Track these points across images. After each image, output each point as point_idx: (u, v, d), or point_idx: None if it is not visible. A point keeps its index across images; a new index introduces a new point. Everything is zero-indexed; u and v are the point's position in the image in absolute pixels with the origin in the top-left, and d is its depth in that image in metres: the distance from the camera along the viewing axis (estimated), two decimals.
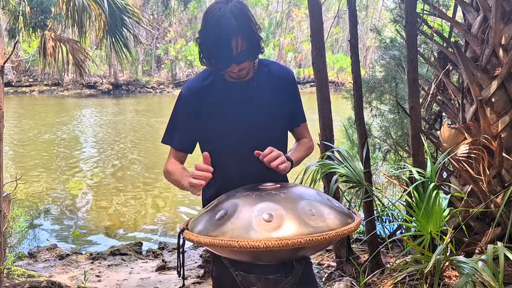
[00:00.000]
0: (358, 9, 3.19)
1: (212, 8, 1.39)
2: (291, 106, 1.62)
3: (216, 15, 1.36)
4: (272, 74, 1.58)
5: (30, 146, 11.76)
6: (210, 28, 1.37)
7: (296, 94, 1.64)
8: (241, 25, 1.36)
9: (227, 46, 1.36)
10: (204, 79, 1.56)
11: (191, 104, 1.55)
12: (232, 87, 1.52)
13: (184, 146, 1.61)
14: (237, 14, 1.36)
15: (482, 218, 2.89)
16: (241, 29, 1.36)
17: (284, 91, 1.59)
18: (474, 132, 2.86)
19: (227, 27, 1.34)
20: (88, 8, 5.07)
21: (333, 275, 3.19)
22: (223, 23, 1.34)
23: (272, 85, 1.56)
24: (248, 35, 1.38)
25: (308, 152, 1.66)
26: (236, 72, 1.46)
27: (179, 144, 1.60)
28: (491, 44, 2.84)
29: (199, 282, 3.77)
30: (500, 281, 1.89)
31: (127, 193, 7.72)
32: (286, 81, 1.60)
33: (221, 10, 1.36)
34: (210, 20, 1.37)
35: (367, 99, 4.96)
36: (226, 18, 1.34)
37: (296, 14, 33.50)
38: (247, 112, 1.53)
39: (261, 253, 1.11)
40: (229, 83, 1.52)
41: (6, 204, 3.45)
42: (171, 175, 1.56)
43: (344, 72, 29.76)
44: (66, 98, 24.71)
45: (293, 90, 1.63)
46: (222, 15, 1.35)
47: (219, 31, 1.35)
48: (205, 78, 1.56)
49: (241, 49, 1.38)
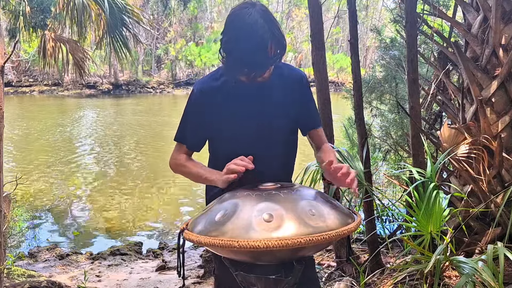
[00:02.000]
0: (358, 9, 3.19)
1: (241, 14, 1.36)
2: (302, 108, 1.61)
3: (248, 20, 1.34)
4: (284, 76, 1.57)
5: (30, 146, 11.77)
6: (245, 35, 1.34)
7: (307, 97, 1.63)
8: (272, 28, 1.35)
9: (264, 51, 1.34)
10: (216, 79, 1.55)
11: (202, 103, 1.54)
12: (244, 88, 1.50)
13: (195, 145, 1.62)
14: (266, 18, 1.35)
15: (482, 218, 2.89)
16: (273, 32, 1.35)
17: (296, 93, 1.58)
18: (474, 132, 2.86)
19: (263, 32, 1.33)
20: (88, 8, 5.08)
21: (333, 275, 3.19)
22: (258, 29, 1.33)
23: (283, 87, 1.55)
24: (279, 37, 1.37)
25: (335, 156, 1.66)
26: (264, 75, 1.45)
27: (191, 143, 1.61)
28: (491, 44, 2.84)
29: (199, 282, 3.77)
30: (500, 281, 1.89)
31: (128, 193, 7.73)
32: (297, 84, 1.59)
33: (251, 15, 1.34)
34: (241, 25, 1.35)
35: (367, 99, 4.96)
36: (260, 23, 1.33)
37: (296, 14, 33.48)
38: (258, 113, 1.52)
39: (261, 253, 1.11)
40: (242, 84, 1.50)
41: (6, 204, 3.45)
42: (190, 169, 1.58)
43: (344, 72, 29.74)
44: (66, 98, 24.71)
45: (304, 93, 1.62)
46: (256, 20, 1.33)
47: (255, 37, 1.33)
48: (217, 78, 1.55)
49: (274, 52, 1.37)
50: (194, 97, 1.56)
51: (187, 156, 1.62)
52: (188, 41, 29.66)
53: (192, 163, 1.61)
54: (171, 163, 1.64)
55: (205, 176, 1.52)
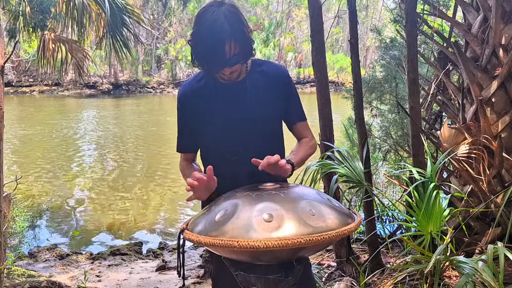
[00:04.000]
0: (358, 9, 3.19)
1: (205, 11, 1.38)
2: (285, 104, 1.61)
3: (209, 19, 1.35)
4: (266, 73, 1.57)
5: (30, 146, 11.76)
6: (204, 32, 1.36)
7: (290, 93, 1.62)
8: (234, 29, 1.35)
9: (221, 50, 1.35)
10: (198, 80, 1.59)
11: (185, 105, 1.59)
12: (224, 87, 1.53)
13: (187, 148, 1.67)
14: (230, 18, 1.35)
15: (482, 218, 2.89)
16: (234, 33, 1.35)
17: (277, 89, 1.58)
18: (474, 132, 2.86)
19: (221, 31, 1.34)
20: (88, 8, 5.08)
21: (333, 275, 3.18)
22: (216, 27, 1.34)
23: (265, 84, 1.56)
24: (241, 39, 1.38)
25: (310, 152, 1.64)
26: (228, 74, 1.47)
27: (183, 147, 1.67)
28: (491, 44, 2.84)
29: (199, 282, 3.77)
30: (500, 281, 1.89)
31: (128, 193, 7.73)
32: (279, 80, 1.59)
33: (214, 13, 1.35)
34: (203, 24, 1.37)
35: (367, 99, 4.96)
36: (220, 22, 1.34)
37: (296, 14, 33.49)
38: (240, 112, 1.53)
39: (261, 253, 1.11)
40: (221, 84, 1.53)
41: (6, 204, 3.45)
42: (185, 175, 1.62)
43: (344, 72, 29.75)
44: (66, 98, 24.71)
45: (287, 88, 1.61)
46: (216, 19, 1.34)
47: (212, 35, 1.34)
48: (199, 79, 1.58)
49: (234, 52, 1.37)
50: (179, 101, 1.61)
51: (187, 162, 1.68)
52: (188, 41, 29.63)
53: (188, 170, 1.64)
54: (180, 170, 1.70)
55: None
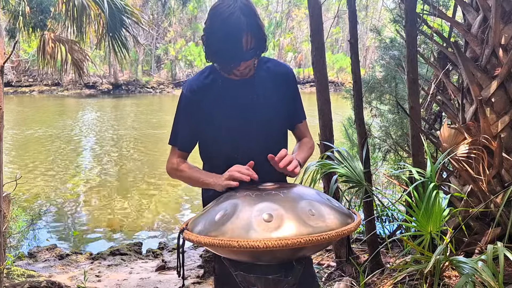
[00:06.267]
0: (358, 9, 3.19)
1: (221, 5, 1.38)
2: (290, 103, 1.62)
3: (225, 12, 1.36)
4: (271, 71, 1.58)
5: (30, 146, 11.76)
6: (220, 25, 1.37)
7: (295, 91, 1.64)
8: (251, 22, 1.36)
9: (238, 43, 1.36)
10: (204, 77, 1.56)
11: (192, 102, 1.55)
12: (233, 84, 1.52)
13: (186, 145, 1.62)
14: (246, 11, 1.36)
15: (482, 218, 2.89)
16: (250, 26, 1.36)
17: (283, 88, 1.59)
18: (474, 132, 2.86)
19: (238, 24, 1.34)
20: (87, 8, 5.08)
21: (333, 275, 3.18)
22: (233, 20, 1.34)
23: (271, 82, 1.56)
24: (257, 32, 1.39)
25: (310, 152, 1.66)
26: (242, 69, 1.46)
27: (181, 143, 1.61)
28: (491, 44, 2.84)
29: (199, 282, 3.77)
30: (500, 281, 1.89)
31: (127, 193, 7.72)
32: (285, 78, 1.60)
33: (230, 7, 1.36)
34: (219, 17, 1.37)
35: (367, 99, 4.95)
36: (236, 15, 1.34)
37: (296, 14, 33.48)
38: (247, 109, 1.53)
39: (261, 253, 1.11)
40: (229, 81, 1.52)
41: (6, 204, 3.45)
42: (186, 173, 1.58)
43: (344, 72, 29.75)
44: (66, 98, 24.69)
45: (292, 87, 1.62)
46: (232, 12, 1.35)
47: (229, 28, 1.35)
48: (206, 76, 1.56)
49: (250, 46, 1.38)
50: (184, 97, 1.57)
51: (181, 159, 1.62)
52: (187, 41, 29.66)
53: (187, 166, 1.60)
54: (167, 168, 1.64)
55: (202, 179, 1.53)
